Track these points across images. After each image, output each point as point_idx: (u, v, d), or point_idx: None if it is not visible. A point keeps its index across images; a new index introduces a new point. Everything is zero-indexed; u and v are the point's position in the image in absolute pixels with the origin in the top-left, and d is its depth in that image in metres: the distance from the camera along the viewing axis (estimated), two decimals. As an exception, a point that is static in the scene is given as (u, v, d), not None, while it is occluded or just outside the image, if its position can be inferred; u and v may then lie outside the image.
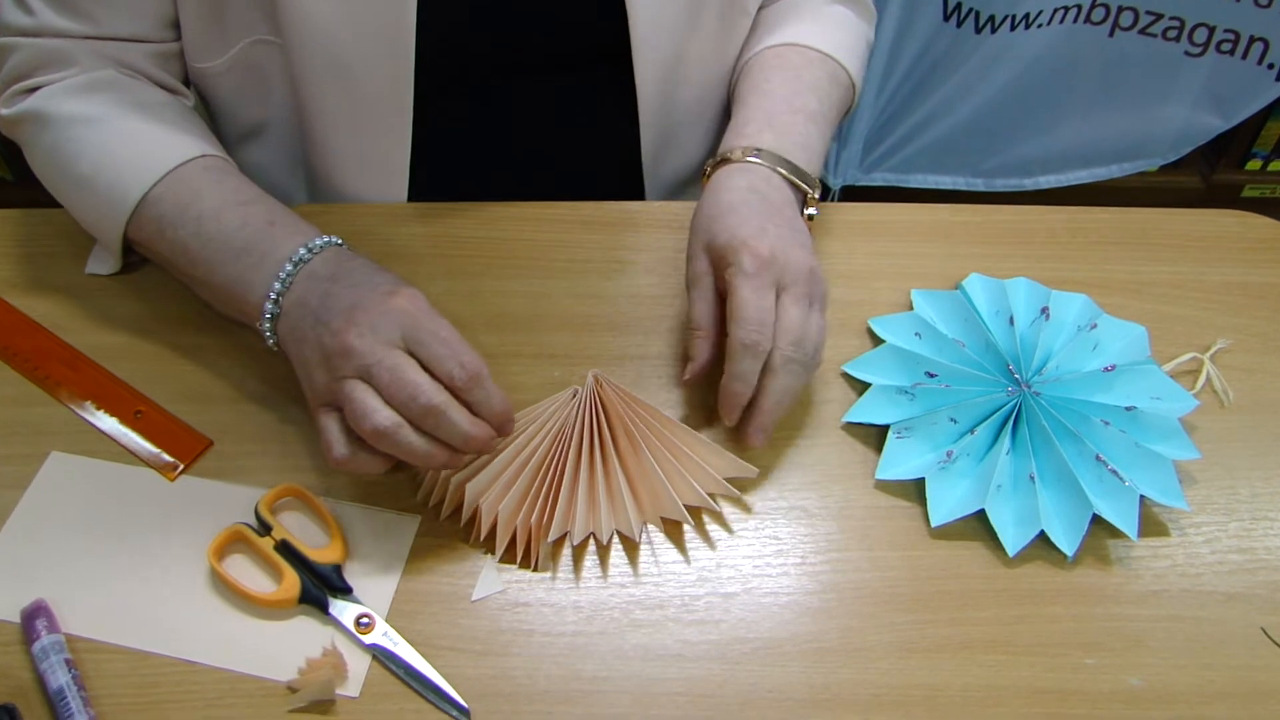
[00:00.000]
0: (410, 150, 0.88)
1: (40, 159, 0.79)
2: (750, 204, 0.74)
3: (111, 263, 0.82)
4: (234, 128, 0.91)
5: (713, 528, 0.71)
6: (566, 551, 0.69)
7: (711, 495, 0.71)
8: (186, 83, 0.87)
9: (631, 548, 0.69)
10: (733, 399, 0.69)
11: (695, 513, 0.71)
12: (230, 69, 0.85)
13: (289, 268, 0.69)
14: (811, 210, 0.80)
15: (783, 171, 0.78)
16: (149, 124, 0.78)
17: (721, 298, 0.72)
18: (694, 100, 0.93)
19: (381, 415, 0.61)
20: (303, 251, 0.70)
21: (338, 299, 0.66)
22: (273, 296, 0.69)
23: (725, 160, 0.79)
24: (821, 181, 1.80)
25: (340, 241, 0.72)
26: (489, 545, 0.68)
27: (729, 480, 0.71)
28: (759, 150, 0.78)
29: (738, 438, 0.72)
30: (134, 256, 0.82)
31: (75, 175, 0.77)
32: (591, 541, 0.69)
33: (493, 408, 0.64)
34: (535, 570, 0.68)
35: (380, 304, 0.64)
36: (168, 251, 0.75)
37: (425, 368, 0.63)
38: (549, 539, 0.67)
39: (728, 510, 0.71)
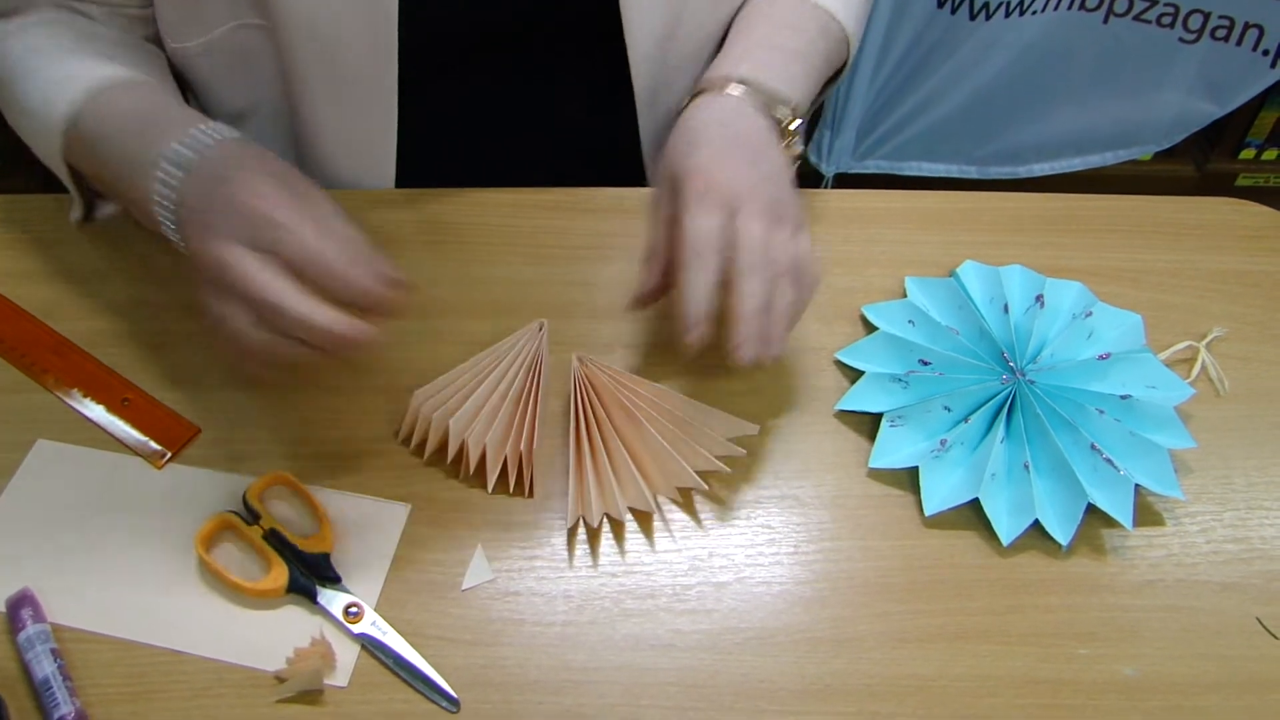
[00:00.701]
0: (398, 133, 0.87)
1: (2, 101, 0.79)
2: (712, 135, 0.72)
3: (77, 203, 0.81)
4: (220, 112, 0.90)
5: (706, 515, 0.70)
6: (558, 540, 0.68)
7: (718, 459, 0.71)
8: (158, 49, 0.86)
9: (622, 536, 0.69)
10: (686, 317, 0.65)
11: (705, 478, 0.71)
12: (209, 51, 0.84)
13: (166, 166, 0.64)
14: (789, 140, 0.76)
15: (754, 99, 0.75)
16: (94, 50, 0.77)
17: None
18: (690, 71, 0.91)
19: (250, 330, 0.60)
20: (179, 149, 0.64)
21: (211, 201, 0.62)
22: (156, 200, 0.65)
23: (700, 93, 0.77)
24: (815, 169, 1.81)
25: (228, 130, 0.67)
26: (480, 477, 0.70)
27: (732, 440, 0.72)
28: (732, 80, 0.76)
29: (726, 358, 0.66)
30: (107, 203, 0.82)
31: (26, 109, 0.76)
32: (581, 528, 0.69)
33: (350, 283, 0.60)
34: (529, 496, 0.69)
35: (224, 200, 0.61)
36: (95, 171, 0.74)
37: (291, 267, 0.60)
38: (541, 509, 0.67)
39: (721, 496, 0.71)
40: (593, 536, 0.69)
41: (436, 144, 0.92)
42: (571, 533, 0.69)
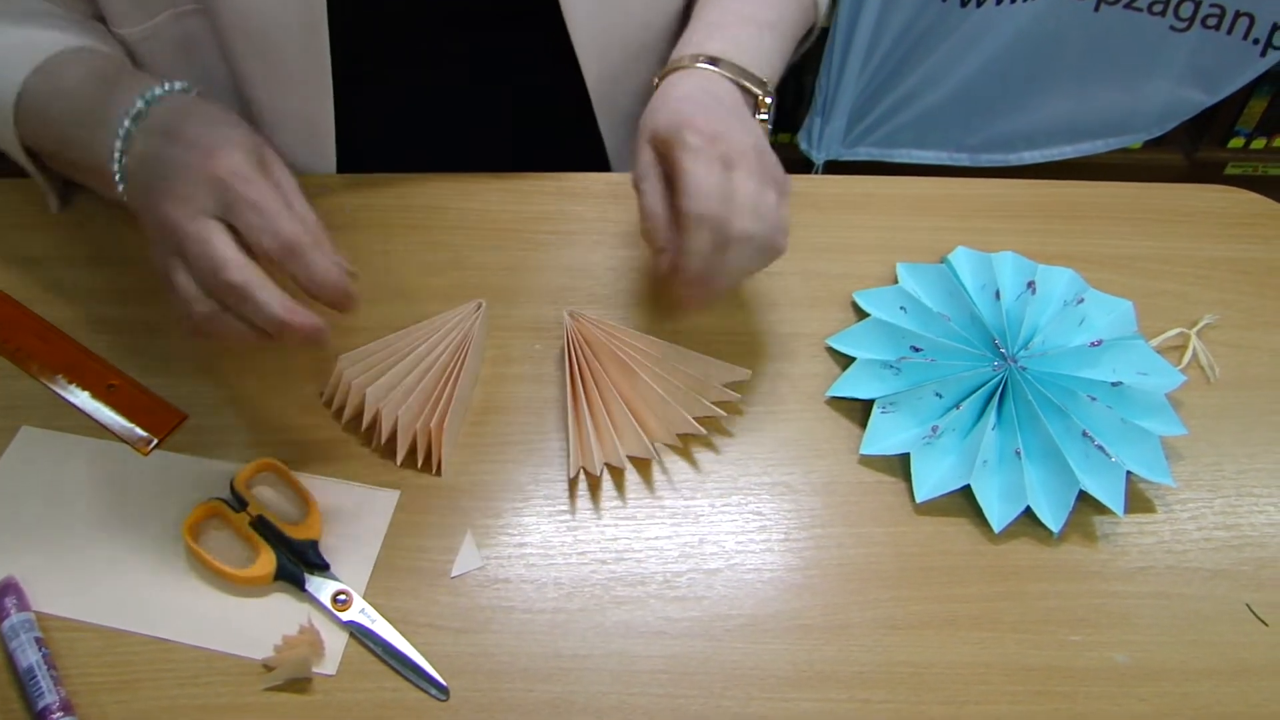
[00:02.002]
0: (344, 119, 0.87)
1: None
2: (696, 98, 0.71)
3: (49, 191, 0.80)
4: None
5: (697, 501, 0.70)
6: (548, 526, 0.68)
7: (715, 405, 0.73)
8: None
9: (615, 522, 0.68)
10: (691, 276, 0.65)
11: (698, 462, 0.72)
12: (152, 37, 0.82)
13: (127, 124, 0.62)
14: (763, 115, 0.76)
15: (730, 75, 0.74)
16: (41, 24, 0.75)
17: (672, 186, 0.67)
18: (643, 61, 0.90)
19: (199, 304, 0.58)
20: (139, 104, 0.63)
21: (170, 161, 0.60)
22: (116, 158, 0.62)
23: (673, 69, 0.75)
24: (805, 156, 1.80)
25: (187, 87, 0.65)
26: (390, 450, 0.70)
27: (728, 385, 0.74)
28: (704, 57, 0.75)
29: (677, 300, 0.68)
30: (73, 188, 0.82)
31: None
32: (572, 515, 0.68)
33: (322, 280, 0.59)
34: (437, 475, 0.69)
35: (198, 168, 0.58)
36: (48, 142, 0.72)
37: (245, 239, 0.59)
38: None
39: (712, 483, 0.71)
40: (584, 524, 0.68)
41: (383, 131, 0.92)
42: (563, 517, 0.68)
